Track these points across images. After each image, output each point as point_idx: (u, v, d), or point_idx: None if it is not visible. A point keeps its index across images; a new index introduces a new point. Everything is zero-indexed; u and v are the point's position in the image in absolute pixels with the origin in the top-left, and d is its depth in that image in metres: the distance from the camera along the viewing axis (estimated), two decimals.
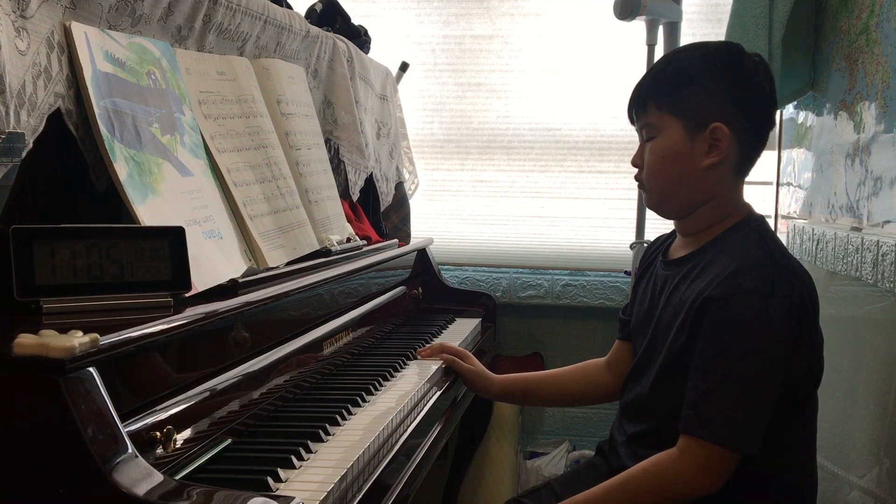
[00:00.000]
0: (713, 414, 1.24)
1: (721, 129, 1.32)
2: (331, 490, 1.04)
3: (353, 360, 1.71)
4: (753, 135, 1.36)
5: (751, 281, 1.25)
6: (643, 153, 1.40)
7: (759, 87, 1.35)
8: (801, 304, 1.26)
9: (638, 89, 1.41)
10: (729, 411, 1.23)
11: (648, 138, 1.38)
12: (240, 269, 1.31)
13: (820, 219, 2.07)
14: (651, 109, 1.37)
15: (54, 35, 1.05)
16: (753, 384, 1.24)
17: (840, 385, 1.82)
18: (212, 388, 1.13)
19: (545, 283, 2.84)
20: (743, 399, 1.24)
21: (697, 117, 1.33)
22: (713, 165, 1.33)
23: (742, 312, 1.24)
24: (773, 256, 1.30)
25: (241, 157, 1.45)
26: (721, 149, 1.33)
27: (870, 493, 1.71)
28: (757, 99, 1.35)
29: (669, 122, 1.35)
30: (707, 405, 1.24)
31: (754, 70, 1.35)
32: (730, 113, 1.32)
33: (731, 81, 1.33)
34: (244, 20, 1.52)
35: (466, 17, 2.84)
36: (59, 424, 0.80)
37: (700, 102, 1.33)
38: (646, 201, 1.46)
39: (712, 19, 2.68)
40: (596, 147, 2.81)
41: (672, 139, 1.35)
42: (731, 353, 1.24)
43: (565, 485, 1.54)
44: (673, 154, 1.35)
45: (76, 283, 1.03)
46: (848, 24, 1.92)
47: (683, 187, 1.37)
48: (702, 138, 1.33)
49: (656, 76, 1.39)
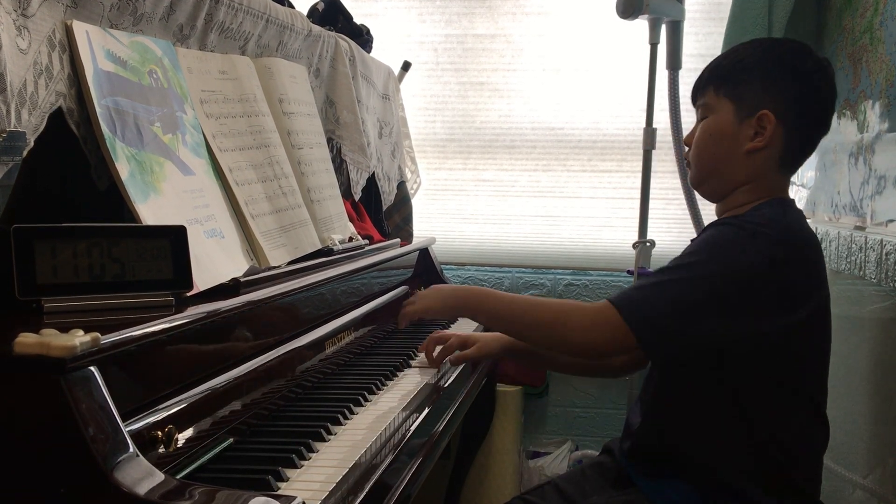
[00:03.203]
0: (632, 287, 1.35)
1: (768, 116, 1.36)
2: (333, 489, 1.04)
3: (355, 359, 1.70)
4: (802, 131, 1.39)
5: (739, 220, 1.33)
6: (695, 132, 1.46)
7: (815, 87, 1.39)
8: (777, 261, 1.28)
9: (702, 73, 1.47)
10: (641, 290, 1.33)
11: (702, 118, 1.44)
12: (241, 269, 1.30)
13: (823, 218, 2.06)
14: (709, 91, 1.43)
15: (55, 34, 1.05)
16: (677, 284, 1.30)
17: (843, 384, 1.81)
18: (213, 388, 1.13)
19: (548, 282, 2.84)
20: (659, 287, 1.31)
21: (749, 103, 1.38)
22: (755, 150, 1.38)
23: (716, 235, 1.34)
24: (781, 218, 1.33)
25: (242, 156, 1.45)
26: (765, 136, 1.37)
27: (874, 493, 1.70)
28: (811, 97, 1.38)
29: (723, 104, 1.40)
30: (637, 281, 1.37)
31: (815, 70, 1.39)
32: (781, 105, 1.37)
33: (786, 76, 1.38)
34: (246, 19, 1.52)
35: (469, 16, 2.84)
36: (60, 424, 0.80)
37: (754, 90, 1.38)
38: (690, 178, 1.51)
39: (715, 18, 2.68)
40: (598, 146, 2.81)
41: (721, 119, 1.40)
42: (684, 258, 1.33)
43: (570, 482, 1.54)
44: (719, 133, 1.40)
45: (77, 283, 1.03)
46: (852, 22, 1.91)
47: (724, 168, 1.41)
48: (749, 123, 1.38)
49: (720, 61, 1.45)
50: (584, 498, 1.46)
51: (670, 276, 1.30)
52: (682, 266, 1.31)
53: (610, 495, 1.43)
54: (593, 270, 2.82)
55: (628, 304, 1.30)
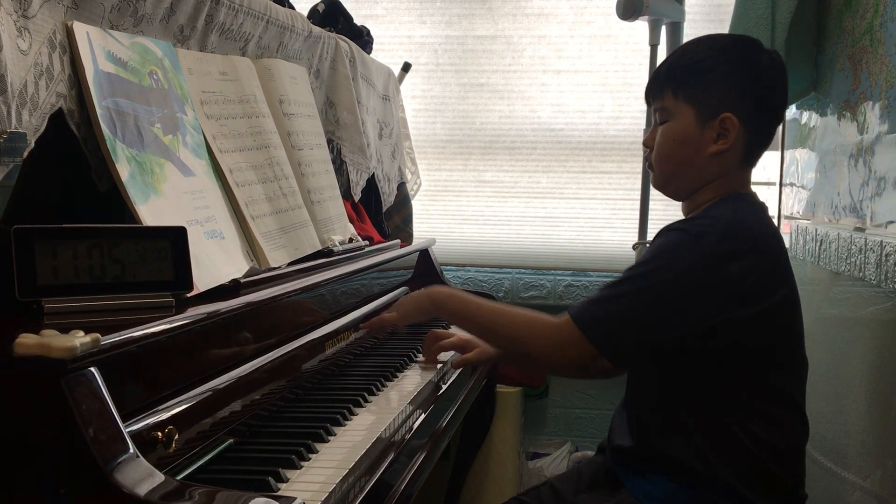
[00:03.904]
0: (589, 301, 1.35)
1: (731, 119, 1.36)
2: (333, 490, 1.04)
3: (356, 360, 1.70)
4: (762, 127, 1.41)
5: (687, 224, 1.35)
6: (655, 134, 1.45)
7: (772, 83, 1.40)
8: (724, 259, 1.28)
9: (657, 74, 1.46)
10: (598, 303, 1.33)
11: (662, 121, 1.44)
12: (242, 270, 1.31)
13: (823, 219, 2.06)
14: (667, 94, 1.42)
15: (56, 35, 1.05)
16: (632, 295, 1.32)
17: (843, 385, 1.81)
18: (213, 389, 1.13)
19: (547, 283, 2.84)
20: (613, 300, 1.32)
21: (710, 106, 1.37)
22: (719, 153, 1.38)
23: (663, 242, 1.35)
24: (729, 215, 1.34)
25: (243, 157, 1.45)
26: (729, 138, 1.37)
27: (873, 495, 1.70)
28: (769, 94, 1.40)
29: (683, 109, 1.40)
30: (592, 296, 1.36)
31: (770, 66, 1.40)
32: (741, 105, 1.37)
33: (745, 75, 1.38)
34: (246, 20, 1.52)
35: (469, 17, 2.84)
36: (60, 425, 0.80)
37: (714, 92, 1.38)
38: (652, 181, 1.51)
39: (715, 20, 2.68)
40: (598, 147, 2.81)
41: (683, 124, 1.40)
42: (635, 269, 1.35)
43: (564, 482, 1.54)
44: (682, 138, 1.40)
45: (78, 283, 1.03)
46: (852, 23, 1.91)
47: (688, 171, 1.42)
48: (711, 126, 1.37)
49: (675, 63, 1.44)
50: (577, 497, 1.47)
51: (623, 288, 1.32)
52: (632, 277, 1.33)
53: (600, 494, 1.44)
54: (593, 271, 2.82)
55: (585, 320, 1.31)
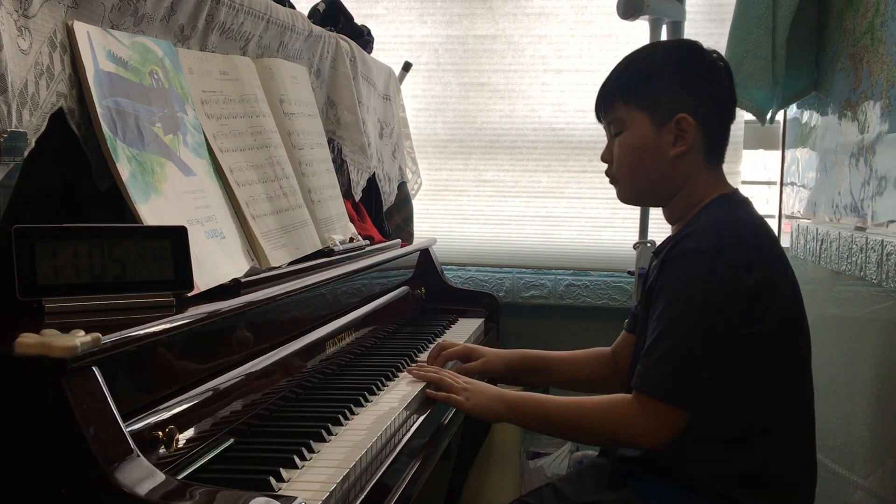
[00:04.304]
0: (650, 367, 1.30)
1: (686, 119, 1.38)
2: (333, 490, 1.04)
3: (356, 359, 1.70)
4: (717, 124, 1.42)
5: (699, 241, 1.31)
6: (612, 148, 1.46)
7: (718, 79, 1.42)
8: (747, 267, 1.28)
9: (604, 87, 1.47)
10: (661, 364, 1.28)
11: (616, 133, 1.45)
12: (242, 269, 1.30)
13: (824, 218, 2.06)
14: (618, 105, 1.43)
15: (56, 34, 1.05)
16: (684, 339, 1.28)
17: (844, 385, 1.81)
18: (214, 388, 1.13)
19: (548, 283, 2.84)
20: (672, 355, 1.28)
21: (663, 110, 1.39)
22: (680, 155, 1.39)
23: (685, 271, 1.30)
24: (732, 220, 1.34)
25: (243, 156, 1.45)
26: (687, 139, 1.38)
27: (874, 494, 1.70)
28: (718, 90, 1.42)
29: (636, 116, 1.41)
30: (647, 359, 1.30)
31: (713, 64, 1.42)
32: (693, 104, 1.38)
33: (693, 74, 1.40)
34: (247, 20, 1.52)
35: (469, 17, 2.84)
36: (61, 424, 0.80)
37: (665, 95, 1.39)
38: (619, 196, 1.51)
39: (715, 19, 2.68)
40: (599, 147, 2.76)
41: (640, 132, 1.41)
42: (672, 310, 1.30)
43: (567, 483, 1.54)
44: (641, 146, 1.41)
45: (78, 283, 1.03)
46: (853, 23, 1.91)
47: (654, 178, 1.43)
48: (668, 129, 1.39)
49: (621, 73, 1.45)
50: (581, 498, 1.46)
51: (675, 338, 1.28)
52: (674, 323, 1.29)
53: (604, 495, 1.43)
54: (594, 271, 2.82)
55: (662, 390, 1.28)
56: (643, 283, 1.57)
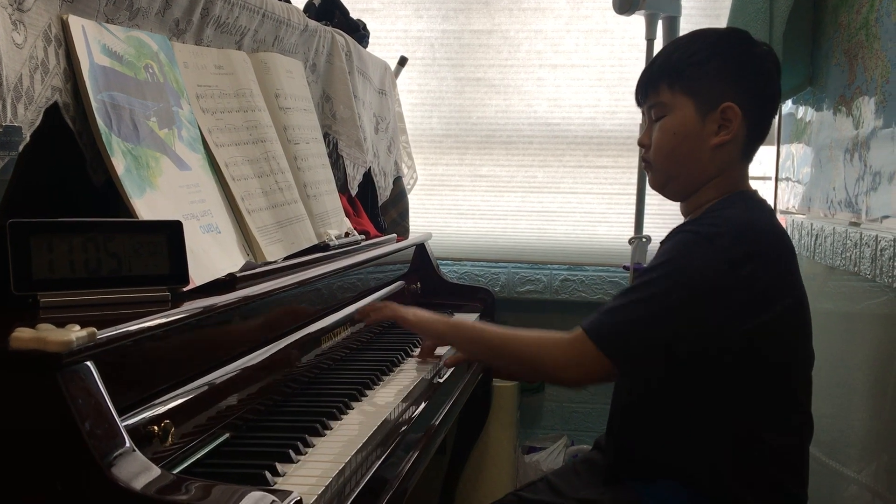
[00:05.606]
0: (601, 312, 1.33)
1: (732, 108, 1.35)
2: (329, 484, 1.04)
3: (352, 354, 1.71)
4: (761, 118, 1.40)
5: (699, 225, 1.32)
6: (651, 133, 1.43)
7: (768, 73, 1.39)
8: (739, 262, 1.27)
9: (649, 69, 1.44)
10: (611, 313, 1.31)
11: (658, 118, 1.41)
12: (238, 264, 1.30)
13: (819, 214, 2.07)
14: (663, 89, 1.39)
15: (51, 28, 1.05)
16: (644, 301, 1.29)
17: (838, 380, 1.82)
18: (210, 383, 1.13)
19: (544, 277, 2.84)
20: (626, 310, 1.30)
21: (709, 97, 1.36)
22: (722, 144, 1.37)
23: (675, 245, 1.32)
24: (741, 215, 1.33)
25: (239, 151, 1.45)
26: (731, 129, 1.36)
27: (867, 488, 1.71)
28: (766, 84, 1.39)
29: (681, 102, 1.38)
30: (604, 307, 1.33)
31: (764, 56, 1.39)
32: (740, 95, 1.36)
33: (742, 64, 1.37)
34: (242, 14, 1.52)
35: (465, 11, 2.84)
36: (56, 419, 0.80)
37: (712, 83, 1.36)
38: (651, 181, 1.48)
39: (711, 15, 2.68)
40: (595, 142, 2.81)
41: (684, 117, 1.38)
42: (648, 275, 1.32)
43: (562, 478, 1.55)
44: (684, 132, 1.38)
45: (73, 278, 1.02)
46: (848, 18, 1.91)
47: (691, 166, 1.40)
48: (713, 118, 1.36)
49: (668, 57, 1.42)
50: (575, 493, 1.47)
51: (635, 296, 1.30)
52: (645, 283, 1.30)
53: (600, 491, 1.44)
54: (589, 266, 2.82)
55: (600, 333, 1.30)
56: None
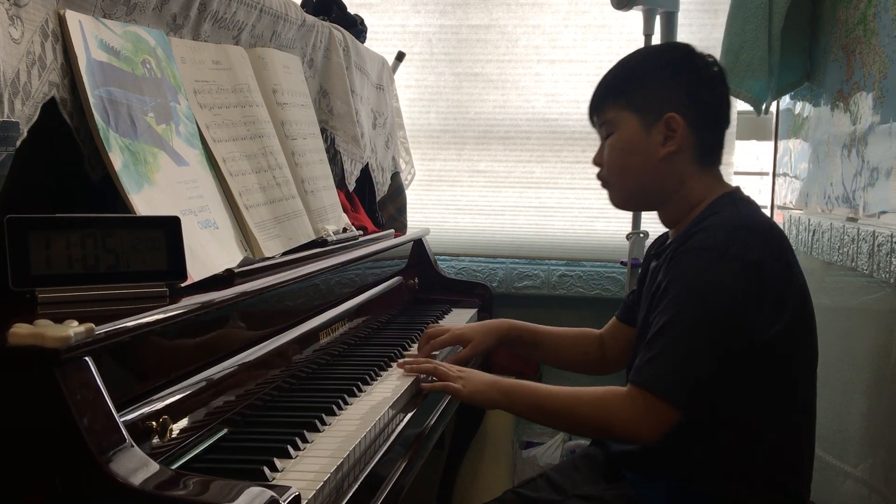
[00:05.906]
0: (649, 362, 1.28)
1: (675, 118, 1.36)
2: (327, 480, 1.04)
3: (350, 350, 1.71)
4: (709, 124, 1.40)
5: (706, 238, 1.30)
6: (603, 151, 1.45)
7: (710, 81, 1.40)
8: (756, 264, 1.27)
9: (597, 90, 1.47)
10: (658, 362, 1.27)
11: (607, 135, 1.44)
12: (235, 259, 1.30)
13: (816, 209, 2.07)
14: (608, 106, 1.43)
15: (48, 23, 1.05)
16: (685, 338, 1.27)
17: (835, 375, 1.82)
18: (208, 378, 1.13)
19: (541, 273, 2.84)
20: (671, 351, 1.27)
21: (652, 110, 1.38)
22: (670, 155, 1.38)
23: (690, 268, 1.29)
24: (742, 217, 1.33)
25: (236, 146, 1.45)
26: (676, 139, 1.37)
27: (864, 484, 1.71)
28: (709, 93, 1.40)
29: (626, 117, 1.40)
30: (646, 353, 1.29)
31: (706, 66, 1.41)
32: (683, 104, 1.37)
33: (683, 74, 1.39)
34: (240, 9, 1.51)
35: (463, 6, 2.83)
36: (54, 415, 0.80)
37: (654, 95, 1.39)
38: (611, 200, 1.49)
39: (709, 10, 2.68)
40: (593, 137, 2.75)
41: (628, 132, 1.40)
42: (675, 305, 1.28)
43: (561, 474, 1.55)
44: (630, 146, 1.40)
45: (71, 273, 1.02)
46: (846, 14, 1.91)
47: (644, 179, 1.41)
48: (657, 129, 1.38)
49: (612, 76, 1.45)
50: (575, 489, 1.47)
51: (672, 335, 1.27)
52: (674, 319, 1.28)
53: (601, 487, 1.44)
54: (587, 261, 2.82)
55: (658, 386, 1.27)
56: (639, 283, 1.57)
